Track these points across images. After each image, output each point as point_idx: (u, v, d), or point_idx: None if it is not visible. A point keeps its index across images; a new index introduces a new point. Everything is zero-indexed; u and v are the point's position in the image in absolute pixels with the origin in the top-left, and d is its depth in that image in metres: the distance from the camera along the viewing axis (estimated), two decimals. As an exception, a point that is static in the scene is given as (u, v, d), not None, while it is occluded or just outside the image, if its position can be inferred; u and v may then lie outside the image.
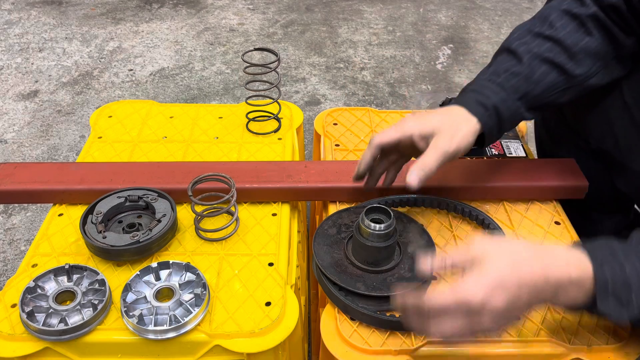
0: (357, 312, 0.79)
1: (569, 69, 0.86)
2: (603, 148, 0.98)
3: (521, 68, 0.86)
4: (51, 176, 1.00)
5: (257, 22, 2.77)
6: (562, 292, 0.66)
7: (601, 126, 0.97)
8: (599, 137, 0.98)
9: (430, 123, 0.81)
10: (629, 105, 0.90)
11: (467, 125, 0.82)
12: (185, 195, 0.90)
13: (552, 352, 0.77)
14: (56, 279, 0.82)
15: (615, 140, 0.95)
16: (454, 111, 0.84)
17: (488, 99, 0.85)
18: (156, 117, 1.23)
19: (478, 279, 0.63)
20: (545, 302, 0.68)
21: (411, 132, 0.81)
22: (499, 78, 0.87)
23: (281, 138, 1.17)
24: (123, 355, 0.77)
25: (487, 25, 2.80)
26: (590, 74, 0.87)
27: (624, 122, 0.92)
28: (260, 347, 0.76)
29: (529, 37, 0.88)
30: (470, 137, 0.82)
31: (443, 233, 0.96)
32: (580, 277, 0.66)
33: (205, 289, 0.79)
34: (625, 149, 0.94)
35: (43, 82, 2.26)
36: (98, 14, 2.81)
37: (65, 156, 1.87)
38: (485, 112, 0.84)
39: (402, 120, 0.83)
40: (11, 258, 1.51)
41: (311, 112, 2.11)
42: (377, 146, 0.82)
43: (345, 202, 1.02)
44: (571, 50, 0.86)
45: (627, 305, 0.66)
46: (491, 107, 0.84)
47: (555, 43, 0.86)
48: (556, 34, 0.86)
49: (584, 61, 0.86)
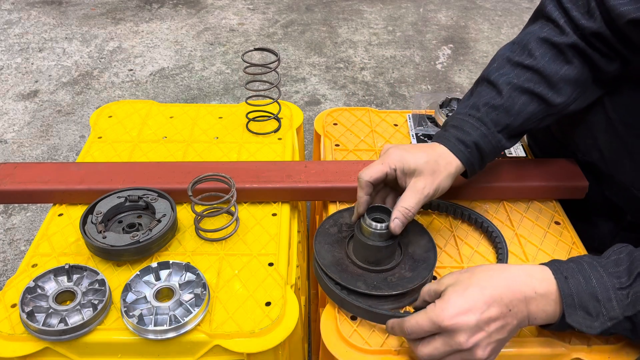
0: (355, 307, 0.79)
1: (549, 98, 0.86)
2: (590, 161, 0.99)
3: (501, 101, 0.86)
4: (51, 176, 1.00)
5: (257, 22, 2.77)
6: (533, 305, 0.68)
7: (586, 140, 0.97)
8: (585, 150, 0.99)
9: (414, 161, 0.81)
10: (612, 120, 0.90)
11: (447, 167, 0.83)
12: (185, 195, 0.90)
13: (552, 352, 0.77)
14: (56, 279, 0.82)
15: (601, 154, 0.95)
16: (436, 149, 0.84)
17: (468, 135, 0.85)
18: (156, 117, 1.23)
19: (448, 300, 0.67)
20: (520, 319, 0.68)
21: (395, 166, 0.82)
22: (479, 112, 0.86)
23: (281, 138, 1.17)
24: (123, 355, 0.77)
25: (487, 25, 2.80)
26: (570, 102, 0.88)
27: (608, 136, 0.92)
28: (260, 347, 0.76)
29: (508, 67, 0.88)
30: (449, 179, 0.84)
31: (443, 233, 0.96)
32: (546, 290, 0.68)
33: (205, 289, 0.79)
34: (610, 162, 0.94)
35: (43, 82, 2.26)
36: (98, 14, 2.81)
37: (65, 156, 1.87)
38: (466, 149, 0.84)
39: (386, 154, 0.83)
40: (11, 258, 1.51)
41: (311, 112, 2.11)
42: (367, 183, 0.82)
43: (346, 202, 1.02)
44: (551, 80, 0.86)
45: (597, 317, 0.67)
46: (472, 144, 0.84)
47: (535, 73, 0.86)
48: (535, 63, 0.86)
49: (563, 90, 0.86)
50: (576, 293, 0.67)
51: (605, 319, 0.67)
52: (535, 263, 0.90)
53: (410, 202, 0.79)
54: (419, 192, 0.80)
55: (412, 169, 0.81)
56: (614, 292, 0.67)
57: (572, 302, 0.67)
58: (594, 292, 0.67)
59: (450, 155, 0.84)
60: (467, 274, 0.70)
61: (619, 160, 0.92)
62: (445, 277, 0.71)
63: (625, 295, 0.67)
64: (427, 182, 0.81)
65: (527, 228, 0.98)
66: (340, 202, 1.02)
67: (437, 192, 0.82)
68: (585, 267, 0.69)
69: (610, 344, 0.78)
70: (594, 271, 0.69)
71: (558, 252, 0.93)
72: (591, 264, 0.69)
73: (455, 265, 0.90)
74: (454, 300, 0.66)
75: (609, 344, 0.77)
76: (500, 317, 0.66)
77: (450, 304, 0.66)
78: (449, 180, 0.84)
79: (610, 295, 0.67)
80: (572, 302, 0.67)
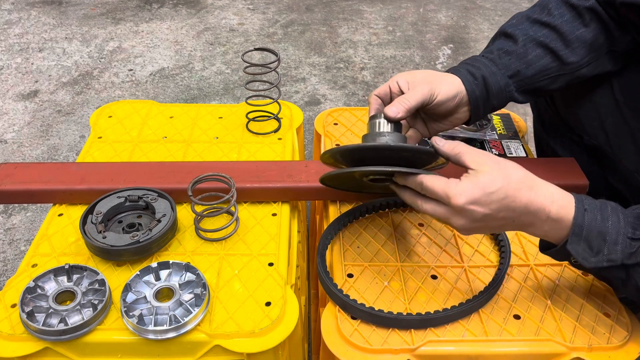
0: (357, 309, 0.79)
1: (563, 55, 0.88)
2: (596, 144, 0.99)
3: (515, 47, 0.89)
4: (51, 176, 1.00)
5: (257, 22, 2.77)
6: (538, 224, 0.72)
7: (593, 122, 0.98)
8: (592, 133, 1.00)
9: (418, 74, 0.86)
10: (619, 102, 0.92)
11: (451, 79, 0.86)
12: (185, 195, 0.90)
13: (552, 351, 0.77)
14: (56, 279, 0.81)
15: (607, 137, 0.96)
16: (443, 73, 0.88)
17: (478, 69, 0.88)
18: (156, 117, 1.23)
19: (468, 187, 0.68)
20: (518, 228, 0.73)
21: (397, 78, 0.85)
22: (492, 54, 0.90)
23: (281, 138, 1.17)
24: (123, 355, 0.77)
25: (487, 25, 2.80)
26: (583, 64, 0.90)
27: (614, 119, 0.93)
28: (260, 347, 0.76)
29: (526, 23, 0.91)
30: (451, 88, 0.85)
31: (444, 233, 0.96)
32: (559, 216, 0.71)
33: (205, 289, 0.79)
34: (616, 146, 0.95)
35: (43, 82, 2.26)
36: (98, 14, 2.81)
37: (65, 156, 1.87)
38: (474, 80, 0.87)
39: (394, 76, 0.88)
40: (11, 258, 1.51)
41: (311, 112, 2.11)
42: (374, 99, 0.86)
43: (346, 202, 1.02)
44: (567, 38, 0.88)
45: (596, 254, 0.70)
46: (480, 77, 0.87)
47: (552, 30, 0.89)
48: (553, 20, 0.89)
49: (578, 50, 0.88)
50: (587, 226, 0.70)
51: (603, 258, 0.70)
52: (535, 262, 0.91)
53: (409, 95, 0.82)
54: (418, 90, 0.83)
55: (418, 79, 0.85)
56: (623, 238, 0.69)
57: (579, 232, 0.70)
58: (604, 231, 0.69)
59: (456, 79, 0.87)
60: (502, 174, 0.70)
61: (623, 145, 0.93)
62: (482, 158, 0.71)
63: (631, 245, 0.69)
64: (426, 84, 0.84)
65: (527, 228, 0.97)
66: (340, 202, 1.02)
67: (433, 95, 0.84)
68: (608, 208, 0.71)
69: (610, 343, 0.78)
70: (614, 215, 0.71)
71: (558, 251, 0.93)
72: (615, 209, 0.72)
73: (455, 264, 0.90)
74: (474, 190, 0.68)
75: (609, 344, 0.77)
76: (502, 221, 0.71)
77: (469, 191, 0.68)
78: (448, 90, 0.85)
79: (618, 239, 0.69)
80: (580, 232, 0.70)
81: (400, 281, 0.87)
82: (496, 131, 1.19)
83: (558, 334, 0.79)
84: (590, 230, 0.70)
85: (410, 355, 0.76)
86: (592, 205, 0.71)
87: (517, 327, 0.80)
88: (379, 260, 0.91)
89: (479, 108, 0.89)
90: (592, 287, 0.87)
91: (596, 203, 0.72)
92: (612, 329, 0.80)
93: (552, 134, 1.12)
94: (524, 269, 0.90)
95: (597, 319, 0.81)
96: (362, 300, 0.83)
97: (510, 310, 0.83)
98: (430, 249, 0.93)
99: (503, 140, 1.17)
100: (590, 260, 0.70)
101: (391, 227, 0.97)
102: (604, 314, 0.82)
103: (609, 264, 0.70)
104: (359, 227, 0.97)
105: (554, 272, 0.89)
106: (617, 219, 0.70)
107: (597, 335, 0.79)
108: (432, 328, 0.79)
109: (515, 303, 0.84)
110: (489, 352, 0.77)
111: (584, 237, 0.70)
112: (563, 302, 0.84)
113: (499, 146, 1.15)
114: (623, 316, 0.82)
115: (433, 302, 0.84)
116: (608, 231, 0.69)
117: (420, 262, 0.91)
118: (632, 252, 0.69)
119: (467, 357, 0.78)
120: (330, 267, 0.90)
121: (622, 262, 0.69)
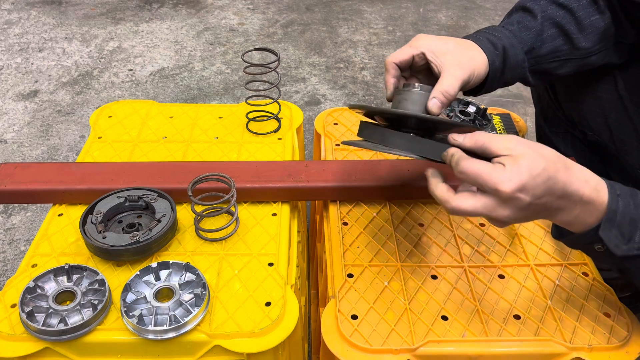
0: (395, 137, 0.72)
1: (576, 39, 0.88)
2: (599, 140, 0.99)
3: (534, 23, 0.88)
4: (51, 176, 1.00)
5: (257, 22, 2.77)
6: (569, 208, 0.66)
7: (596, 118, 0.98)
8: (595, 128, 0.99)
9: (445, 44, 0.80)
10: (623, 97, 0.91)
11: (479, 53, 0.83)
12: (185, 195, 0.90)
13: (553, 351, 0.77)
14: (56, 279, 0.81)
15: (610, 133, 0.96)
16: (464, 42, 0.84)
17: (499, 40, 0.86)
18: (156, 117, 1.23)
19: (514, 171, 0.62)
20: (547, 216, 0.68)
21: (424, 49, 0.80)
22: (513, 27, 0.89)
23: (281, 138, 1.17)
24: (123, 355, 0.77)
25: (487, 25, 2.80)
26: (593, 51, 0.89)
27: (618, 115, 0.93)
28: (260, 347, 0.76)
29: (544, 1, 0.90)
30: (482, 66, 0.82)
31: (444, 232, 0.96)
32: (592, 199, 0.66)
33: (205, 289, 0.79)
34: (619, 142, 0.95)
35: (43, 82, 2.26)
36: (98, 14, 2.81)
37: (65, 156, 1.87)
38: (495, 50, 0.85)
39: (416, 39, 0.82)
40: (11, 258, 1.51)
41: (311, 112, 2.11)
42: (391, 64, 0.80)
43: (346, 202, 1.02)
44: (581, 23, 0.88)
45: (628, 242, 0.67)
46: (500, 47, 0.85)
47: (568, 12, 0.88)
48: (570, 3, 0.88)
49: (590, 36, 0.88)
50: (621, 212, 0.66)
51: (634, 247, 0.67)
52: (535, 262, 0.91)
53: (448, 85, 0.76)
54: (455, 77, 0.78)
55: (444, 52, 0.79)
56: None
57: (613, 217, 0.67)
58: (636, 218, 0.67)
59: (478, 49, 0.83)
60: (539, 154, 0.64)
61: (627, 141, 0.93)
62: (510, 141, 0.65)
63: None
64: (462, 64, 0.79)
65: (528, 227, 0.97)
66: (340, 201, 1.02)
67: (472, 77, 0.80)
68: (639, 195, 0.68)
69: (610, 343, 0.78)
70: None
71: (559, 252, 0.93)
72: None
73: (455, 264, 0.90)
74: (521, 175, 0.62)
75: (609, 344, 0.77)
76: (540, 207, 0.65)
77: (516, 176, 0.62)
78: (482, 68, 0.82)
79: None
80: (614, 217, 0.66)
81: (400, 281, 0.87)
82: (496, 131, 1.19)
83: (558, 334, 0.79)
84: (624, 216, 0.66)
85: (410, 355, 0.76)
86: (625, 191, 0.68)
87: (517, 327, 0.80)
88: (379, 260, 0.91)
89: (494, 79, 0.86)
90: (592, 287, 0.87)
91: (627, 189, 0.69)
92: (612, 329, 0.80)
93: (555, 129, 1.12)
94: (524, 269, 0.90)
95: (597, 319, 0.81)
96: (362, 300, 0.83)
97: (510, 310, 0.83)
98: (430, 249, 0.93)
99: (503, 140, 1.17)
100: (621, 247, 0.67)
101: (391, 227, 0.97)
102: (604, 314, 0.82)
103: (638, 252, 0.67)
104: (359, 227, 0.97)
105: (554, 272, 0.89)
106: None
107: (597, 335, 0.79)
108: (432, 328, 0.79)
109: (515, 303, 0.84)
110: (489, 352, 0.77)
111: (617, 224, 0.67)
112: (563, 302, 0.84)
113: (499, 146, 1.15)
114: (623, 316, 0.82)
115: (433, 302, 0.84)
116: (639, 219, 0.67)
117: (420, 262, 0.91)
118: None
119: (467, 357, 0.78)
120: (331, 267, 0.90)
121: None
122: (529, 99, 2.11)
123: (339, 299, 0.83)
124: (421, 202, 1.03)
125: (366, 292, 0.85)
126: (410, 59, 0.80)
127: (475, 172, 0.64)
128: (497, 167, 0.63)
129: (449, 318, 0.81)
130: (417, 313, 0.82)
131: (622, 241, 0.67)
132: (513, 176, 0.62)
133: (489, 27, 0.90)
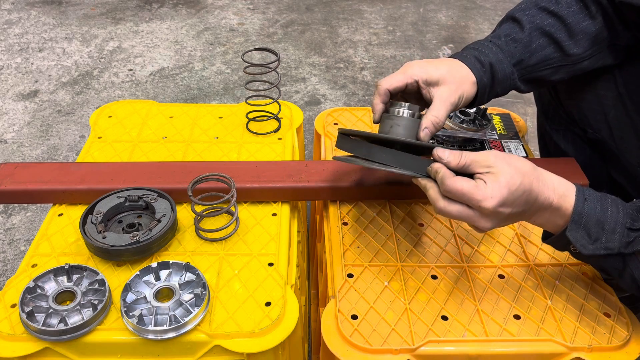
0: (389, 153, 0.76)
1: (566, 46, 0.89)
2: (599, 138, 1.00)
3: (522, 35, 0.89)
4: (51, 176, 0.99)
5: (257, 22, 2.77)
6: (540, 213, 0.74)
7: (596, 115, 0.98)
8: (595, 126, 1.00)
9: (436, 72, 0.83)
10: (622, 95, 0.92)
11: (468, 76, 0.85)
12: (185, 195, 0.90)
13: (553, 351, 0.77)
14: (56, 279, 0.81)
15: (610, 130, 0.96)
16: (454, 63, 0.86)
17: (486, 56, 0.88)
18: (156, 117, 1.23)
19: (495, 188, 0.69)
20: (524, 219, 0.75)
21: (418, 77, 0.83)
22: (499, 40, 0.90)
23: (281, 138, 1.17)
24: (123, 355, 0.77)
25: (487, 25, 2.80)
26: (585, 56, 0.90)
27: (617, 112, 0.94)
28: (260, 347, 0.76)
29: (534, 10, 0.91)
30: (472, 89, 0.85)
31: (444, 233, 0.96)
32: (559, 204, 0.73)
33: (205, 289, 0.79)
34: (619, 139, 0.95)
35: (43, 82, 2.26)
36: (98, 14, 2.80)
37: (65, 156, 1.86)
38: (482, 68, 0.87)
39: (408, 65, 0.85)
40: (11, 258, 1.51)
41: (311, 112, 2.11)
42: (384, 92, 0.83)
43: (346, 202, 1.02)
44: (572, 30, 0.88)
45: (594, 242, 0.72)
46: (487, 64, 0.87)
47: (558, 20, 0.89)
48: (560, 10, 0.89)
49: (581, 42, 0.89)
50: (587, 214, 0.72)
51: (600, 246, 0.71)
52: (535, 262, 0.91)
53: (438, 112, 0.81)
54: (445, 101, 0.82)
55: (436, 79, 0.83)
56: (621, 227, 0.71)
57: (579, 219, 0.72)
58: (603, 220, 0.71)
59: (466, 69, 0.86)
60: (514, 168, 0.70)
61: (626, 138, 0.93)
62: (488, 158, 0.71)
63: (629, 235, 0.70)
64: (451, 91, 0.82)
65: (527, 228, 0.97)
66: (340, 201, 1.02)
67: (461, 100, 0.84)
68: (608, 200, 0.73)
69: (610, 343, 0.78)
70: (614, 205, 0.72)
71: (559, 252, 0.93)
72: (615, 200, 0.73)
73: (455, 264, 0.90)
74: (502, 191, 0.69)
75: (609, 344, 0.77)
76: (518, 216, 0.73)
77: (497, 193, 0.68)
78: (471, 91, 0.85)
79: (617, 228, 0.71)
80: (579, 219, 0.72)
81: (400, 281, 0.87)
82: (496, 131, 1.19)
83: (558, 334, 0.79)
84: (589, 218, 0.71)
85: (410, 355, 0.76)
86: (593, 196, 0.73)
87: (517, 327, 0.80)
88: (379, 260, 0.91)
89: (483, 95, 0.89)
90: (592, 287, 0.87)
91: (597, 194, 0.73)
92: (612, 329, 0.80)
93: (556, 126, 1.12)
94: (524, 269, 0.90)
95: (597, 319, 0.81)
96: (362, 300, 0.83)
97: (510, 310, 0.83)
98: (430, 249, 0.93)
99: (503, 140, 1.17)
100: (588, 247, 0.72)
101: (391, 227, 0.97)
102: (604, 314, 0.82)
103: (606, 252, 0.71)
104: (359, 227, 0.97)
105: (554, 272, 0.89)
106: (616, 209, 0.72)
107: (598, 336, 0.79)
108: (432, 328, 0.79)
109: (515, 303, 0.84)
110: (489, 352, 0.77)
111: (583, 225, 0.72)
112: (563, 302, 0.84)
113: (499, 146, 1.15)
114: (623, 316, 0.82)
115: (433, 302, 0.84)
116: (607, 220, 0.71)
117: (420, 262, 0.91)
118: (629, 242, 0.70)
119: (467, 357, 0.78)
120: (331, 267, 0.90)
121: (619, 251, 0.71)
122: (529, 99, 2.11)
123: (339, 299, 0.83)
124: (421, 202, 1.03)
125: (366, 292, 0.85)
126: (403, 86, 0.84)
127: (459, 190, 0.70)
128: (479, 184, 0.70)
129: (449, 318, 0.81)
130: (417, 313, 0.82)
131: (588, 241, 0.72)
132: (494, 193, 0.69)
133: (476, 42, 0.92)
